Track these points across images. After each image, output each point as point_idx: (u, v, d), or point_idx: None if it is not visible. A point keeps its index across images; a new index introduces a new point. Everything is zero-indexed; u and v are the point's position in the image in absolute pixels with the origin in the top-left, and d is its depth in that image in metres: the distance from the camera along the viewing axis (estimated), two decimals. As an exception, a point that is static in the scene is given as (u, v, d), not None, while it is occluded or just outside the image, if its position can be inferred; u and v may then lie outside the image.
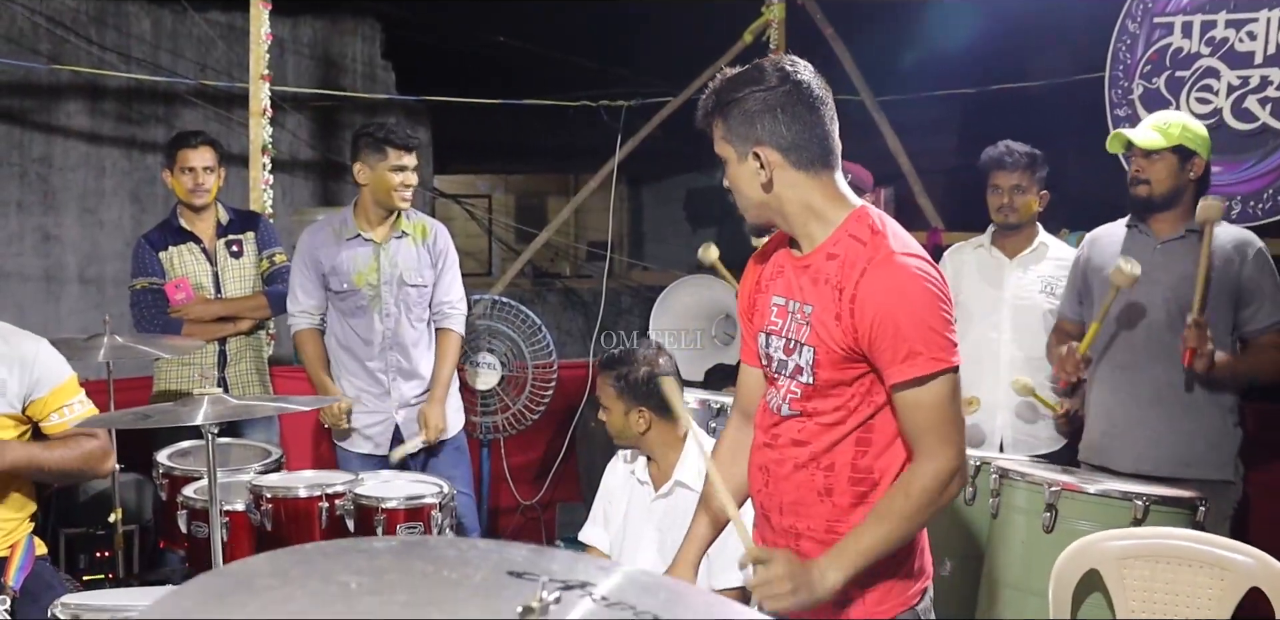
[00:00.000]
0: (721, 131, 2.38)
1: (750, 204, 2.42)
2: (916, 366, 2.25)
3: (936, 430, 2.28)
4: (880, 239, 2.31)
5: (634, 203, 11.61)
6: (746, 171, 2.37)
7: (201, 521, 3.84)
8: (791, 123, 2.32)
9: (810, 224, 2.38)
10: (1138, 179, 3.84)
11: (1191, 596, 2.94)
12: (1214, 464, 3.77)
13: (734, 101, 2.34)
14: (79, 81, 7.45)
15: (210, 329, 4.80)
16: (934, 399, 2.27)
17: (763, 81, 2.33)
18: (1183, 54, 4.85)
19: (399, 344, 4.58)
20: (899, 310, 2.24)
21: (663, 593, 1.18)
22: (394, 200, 4.50)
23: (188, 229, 4.87)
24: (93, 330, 4.34)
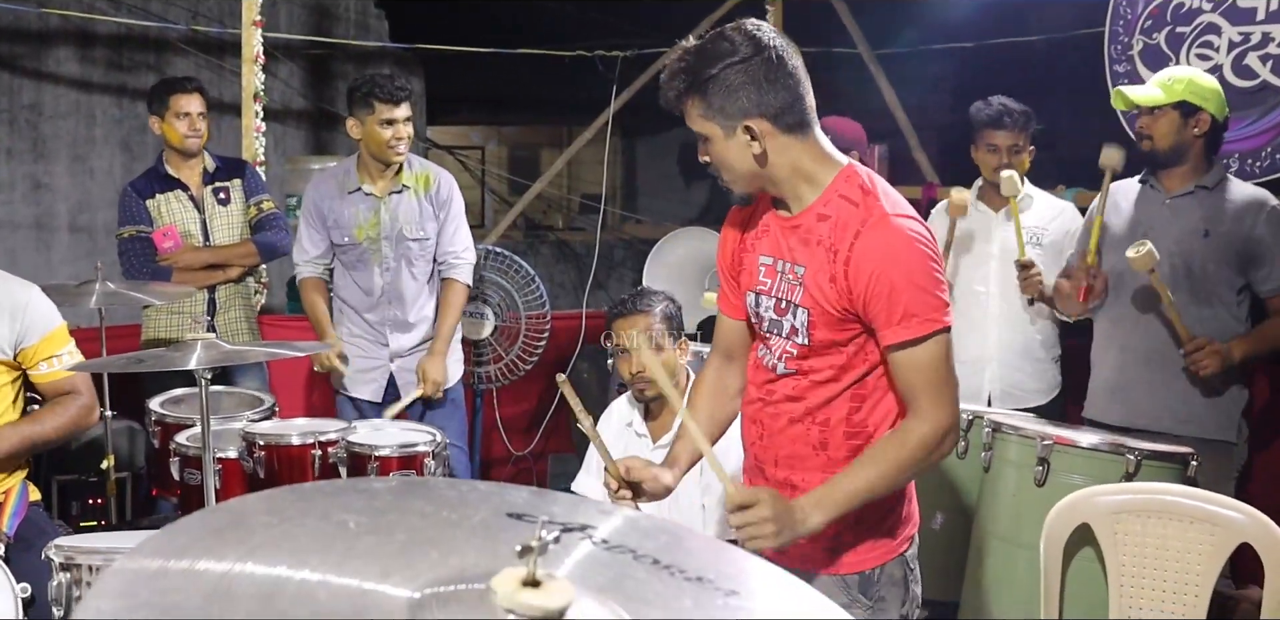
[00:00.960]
0: (700, 110, 2.33)
1: (741, 176, 2.40)
2: (911, 328, 2.27)
3: (931, 390, 2.31)
4: (872, 200, 2.31)
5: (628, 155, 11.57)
6: (736, 146, 2.34)
7: (194, 469, 3.85)
8: (777, 90, 2.28)
9: (800, 186, 2.38)
10: (1141, 134, 3.84)
11: (1182, 551, 2.95)
12: (1214, 423, 3.77)
13: (711, 78, 2.29)
14: (69, 27, 7.37)
15: (199, 276, 4.78)
16: (929, 359, 2.30)
17: (736, 52, 2.28)
18: (1184, 9, 4.81)
19: (398, 297, 4.57)
20: (894, 273, 2.25)
21: (663, 536, 1.18)
22: (388, 154, 4.46)
23: (174, 176, 4.84)
24: (84, 278, 4.32)
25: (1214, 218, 3.75)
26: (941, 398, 2.31)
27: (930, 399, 2.31)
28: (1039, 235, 4.39)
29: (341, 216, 4.53)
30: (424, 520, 1.11)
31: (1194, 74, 3.85)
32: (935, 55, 7.19)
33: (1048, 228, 4.41)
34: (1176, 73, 3.85)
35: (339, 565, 1.00)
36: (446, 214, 4.63)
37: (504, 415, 6.03)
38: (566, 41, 7.59)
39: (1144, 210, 3.86)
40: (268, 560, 1.00)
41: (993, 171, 4.41)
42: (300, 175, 7.03)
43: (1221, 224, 3.73)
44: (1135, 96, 3.80)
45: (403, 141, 4.48)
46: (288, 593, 0.95)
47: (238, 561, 0.99)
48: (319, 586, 0.97)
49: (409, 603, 0.96)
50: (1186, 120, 3.76)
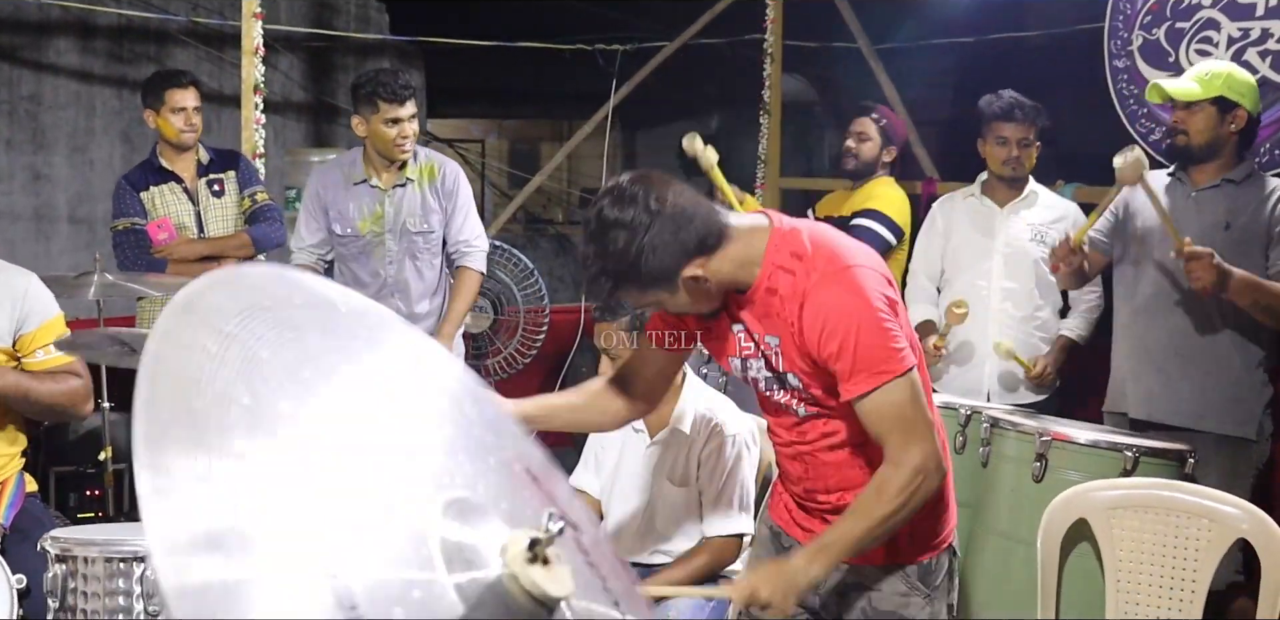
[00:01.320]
0: (638, 292, 2.32)
1: (700, 308, 2.40)
2: (861, 383, 2.27)
3: (897, 434, 2.29)
4: (807, 265, 2.30)
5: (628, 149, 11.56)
6: (686, 295, 2.32)
7: (192, 461, 3.84)
8: (687, 230, 2.24)
9: (745, 276, 2.35)
10: (1176, 129, 3.80)
11: (1179, 547, 2.96)
12: (1233, 419, 3.73)
13: (630, 266, 2.23)
14: (69, 18, 7.36)
15: (194, 268, 4.78)
16: (887, 405, 2.28)
17: (637, 223, 2.22)
18: (1183, 5, 4.80)
19: (402, 290, 4.58)
20: (836, 337, 2.25)
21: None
22: (394, 152, 4.48)
23: (169, 169, 4.84)
24: (83, 269, 4.32)
25: (1237, 210, 3.74)
26: (909, 440, 2.29)
27: (898, 443, 2.29)
28: (1043, 233, 4.39)
29: (345, 208, 4.53)
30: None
31: (1232, 69, 3.82)
32: (935, 50, 7.18)
33: (1053, 225, 4.40)
34: (1214, 67, 3.82)
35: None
36: (454, 204, 4.61)
37: (502, 408, 6.03)
38: (567, 35, 7.59)
39: (1169, 204, 3.84)
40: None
41: (1001, 164, 4.41)
42: (300, 167, 7.04)
43: (1243, 216, 3.71)
44: (1173, 91, 3.75)
45: (409, 139, 4.48)
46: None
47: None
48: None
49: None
50: (1223, 116, 3.73)
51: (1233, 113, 3.74)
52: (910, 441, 2.28)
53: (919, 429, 2.30)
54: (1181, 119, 3.78)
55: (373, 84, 4.45)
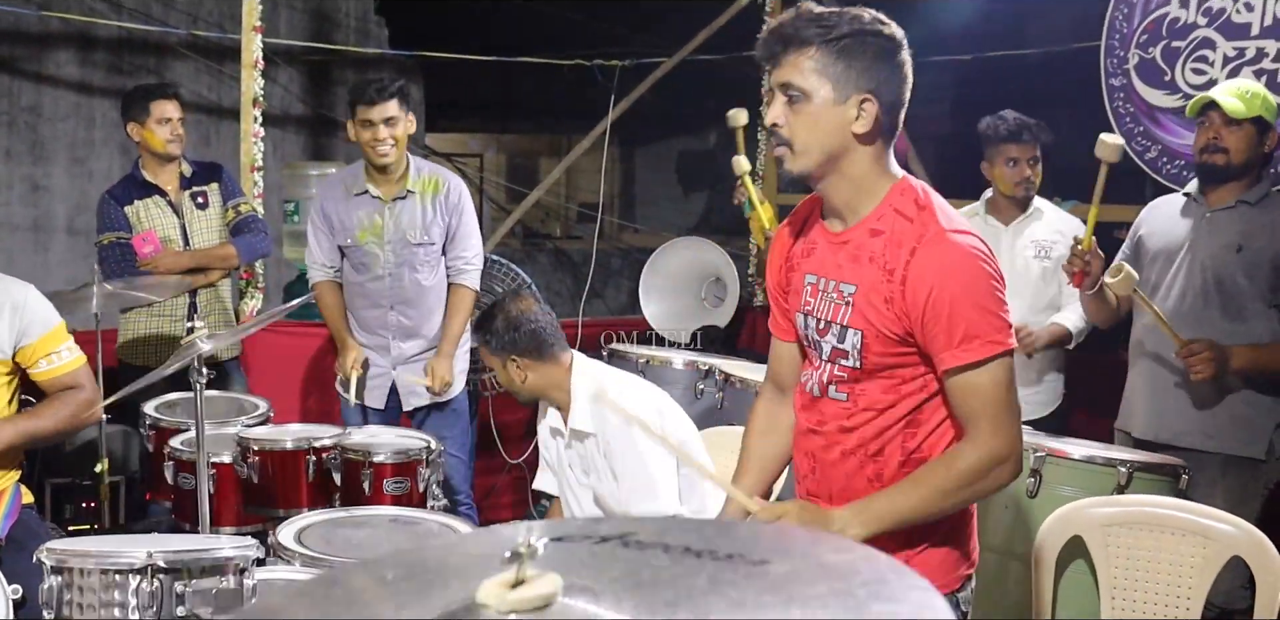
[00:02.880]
0: (819, 64, 2.14)
1: (819, 150, 2.20)
2: (972, 351, 2.14)
3: (990, 416, 2.17)
4: (928, 215, 2.18)
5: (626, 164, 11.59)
6: (838, 115, 2.16)
7: (188, 473, 3.85)
8: (898, 82, 2.19)
9: (859, 194, 2.23)
10: (1215, 146, 3.71)
11: (1174, 564, 2.96)
12: (1241, 439, 3.71)
13: (846, 36, 2.14)
14: (69, 30, 7.39)
15: (181, 280, 4.79)
16: (990, 383, 2.16)
17: (873, 26, 2.16)
18: (1179, 24, 4.82)
19: (401, 302, 4.57)
20: (953, 292, 2.12)
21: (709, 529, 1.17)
22: (371, 157, 4.45)
23: (152, 182, 4.84)
24: (80, 280, 4.33)
25: (1250, 232, 3.70)
26: (1001, 425, 2.17)
27: (990, 425, 2.17)
28: (1047, 248, 4.39)
29: (346, 218, 4.54)
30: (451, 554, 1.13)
31: (1263, 89, 3.79)
32: (933, 67, 7.19)
33: (1056, 242, 4.40)
34: (1250, 86, 3.78)
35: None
36: (459, 220, 4.61)
37: (499, 423, 6.03)
38: (566, 50, 7.61)
39: (1184, 224, 3.82)
40: None
41: (1014, 185, 4.39)
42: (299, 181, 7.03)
43: (1257, 239, 3.68)
44: (1227, 106, 3.66)
45: (383, 143, 4.41)
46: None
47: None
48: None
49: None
50: (1262, 136, 3.71)
51: (1269, 133, 3.72)
52: (1000, 427, 2.17)
53: (1011, 416, 2.19)
54: (1222, 135, 3.70)
55: (356, 89, 4.48)
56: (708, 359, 4.75)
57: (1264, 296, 3.67)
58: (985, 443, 2.17)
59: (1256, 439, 3.71)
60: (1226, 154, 3.70)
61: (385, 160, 4.45)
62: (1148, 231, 3.95)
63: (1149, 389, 3.87)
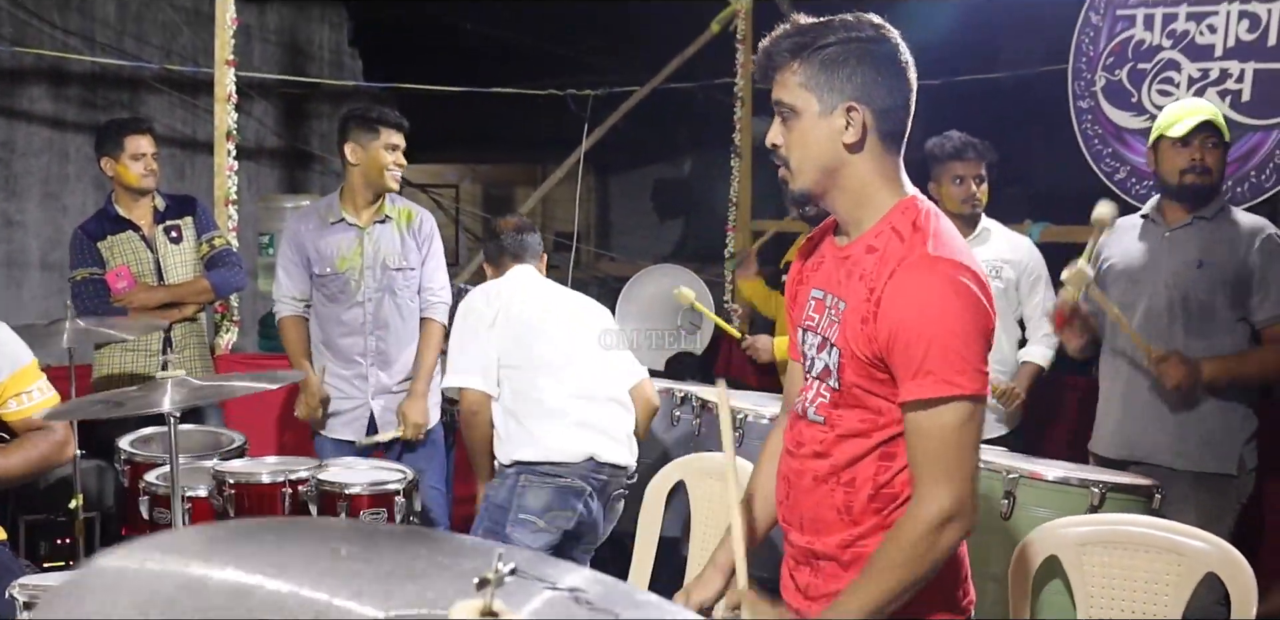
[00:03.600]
0: (804, 77, 2.08)
1: (813, 166, 2.13)
2: (924, 387, 2.00)
3: (937, 465, 2.02)
4: (919, 236, 2.06)
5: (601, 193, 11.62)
6: (826, 127, 2.09)
7: (164, 508, 3.83)
8: (890, 84, 2.09)
9: (861, 207, 2.14)
10: (1202, 167, 3.73)
11: (1149, 582, 2.97)
12: (1212, 457, 3.73)
13: (827, 46, 2.07)
14: (42, 65, 7.39)
15: (155, 315, 4.77)
16: (939, 428, 2.01)
17: (859, 31, 2.08)
18: (1144, 46, 4.88)
19: (380, 328, 4.57)
20: (919, 321, 2.00)
21: (652, 611, 1.18)
22: (385, 180, 4.50)
23: (125, 217, 4.83)
24: (54, 316, 4.31)
25: (1209, 248, 3.74)
26: (947, 478, 2.01)
27: (932, 478, 2.02)
28: (998, 268, 4.43)
29: (324, 246, 4.54)
30: (414, 560, 1.13)
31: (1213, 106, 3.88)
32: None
33: (1007, 261, 4.46)
34: (1206, 106, 3.84)
35: (316, 580, 1.03)
36: (429, 250, 4.65)
37: (477, 452, 6.00)
38: (539, 80, 7.65)
39: (1144, 244, 3.87)
40: (248, 567, 1.03)
41: (960, 202, 4.45)
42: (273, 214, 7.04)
43: (1217, 254, 3.72)
44: (1222, 126, 3.75)
45: (400, 169, 4.54)
46: (258, 597, 0.98)
47: (220, 565, 1.03)
48: (289, 597, 1.00)
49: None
50: (1224, 153, 3.80)
51: (1227, 149, 3.81)
52: (945, 479, 2.00)
53: (961, 468, 2.01)
54: (1205, 157, 3.74)
55: (374, 111, 4.55)
56: (684, 386, 4.75)
57: (1227, 311, 3.71)
58: (928, 500, 2.02)
59: (1227, 455, 3.74)
60: (1210, 174, 3.74)
61: (396, 186, 4.57)
62: (1109, 253, 4.00)
63: (1120, 409, 3.90)
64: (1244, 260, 3.69)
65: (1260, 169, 4.55)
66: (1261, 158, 4.55)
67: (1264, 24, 4.52)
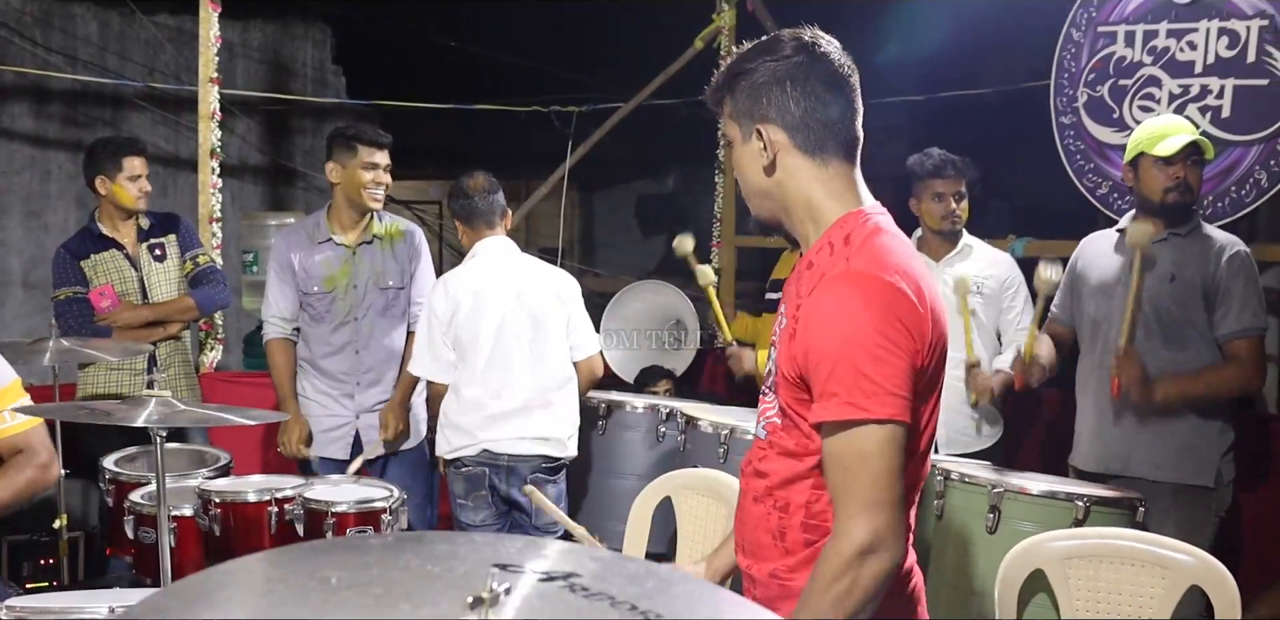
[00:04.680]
0: (730, 108, 2.09)
1: (752, 192, 2.12)
2: (830, 409, 1.89)
3: (851, 494, 1.89)
4: (849, 251, 1.97)
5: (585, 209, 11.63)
6: (749, 153, 2.07)
7: (149, 527, 3.81)
8: (801, 98, 2.01)
9: (806, 223, 2.07)
10: (1185, 185, 3.77)
11: (1134, 595, 2.98)
12: (1189, 469, 3.77)
13: (743, 73, 2.05)
14: (24, 83, 7.38)
15: (140, 334, 4.76)
16: (849, 453, 1.89)
17: (777, 51, 2.03)
18: (1125, 63, 4.91)
19: (366, 348, 4.57)
20: (827, 338, 1.90)
21: (650, 581, 1.18)
22: (365, 199, 4.49)
23: (109, 236, 4.82)
24: (37, 335, 4.30)
25: (1182, 262, 3.79)
26: (861, 507, 1.88)
27: (847, 506, 1.89)
28: (980, 284, 4.46)
29: (311, 265, 4.54)
30: (405, 574, 1.13)
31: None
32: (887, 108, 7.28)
33: (988, 277, 4.48)
34: (1186, 124, 3.89)
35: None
36: (417, 267, 4.65)
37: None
38: (523, 96, 7.66)
39: (1119, 259, 3.91)
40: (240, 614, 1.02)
41: (940, 219, 4.47)
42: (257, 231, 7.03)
43: (1188, 269, 3.76)
44: (1206, 148, 3.78)
45: (382, 187, 4.51)
46: None
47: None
48: None
49: None
50: (1203, 170, 3.83)
51: (1204, 166, 3.84)
52: (860, 510, 1.88)
53: (879, 496, 1.88)
54: (1185, 173, 3.77)
55: (353, 129, 4.54)
56: (669, 402, 4.76)
57: (1199, 325, 3.76)
58: (842, 533, 1.89)
59: (1205, 467, 3.78)
60: (1191, 192, 3.79)
61: (378, 205, 4.54)
62: (1084, 267, 4.04)
63: (1097, 423, 3.93)
64: (1213, 275, 3.74)
65: (1240, 184, 4.58)
66: (1241, 173, 4.58)
67: (1243, 41, 4.55)
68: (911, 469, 1.98)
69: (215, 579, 1.14)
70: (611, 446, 4.72)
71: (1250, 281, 3.75)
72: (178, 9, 7.65)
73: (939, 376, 2.02)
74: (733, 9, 6.79)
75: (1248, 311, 3.73)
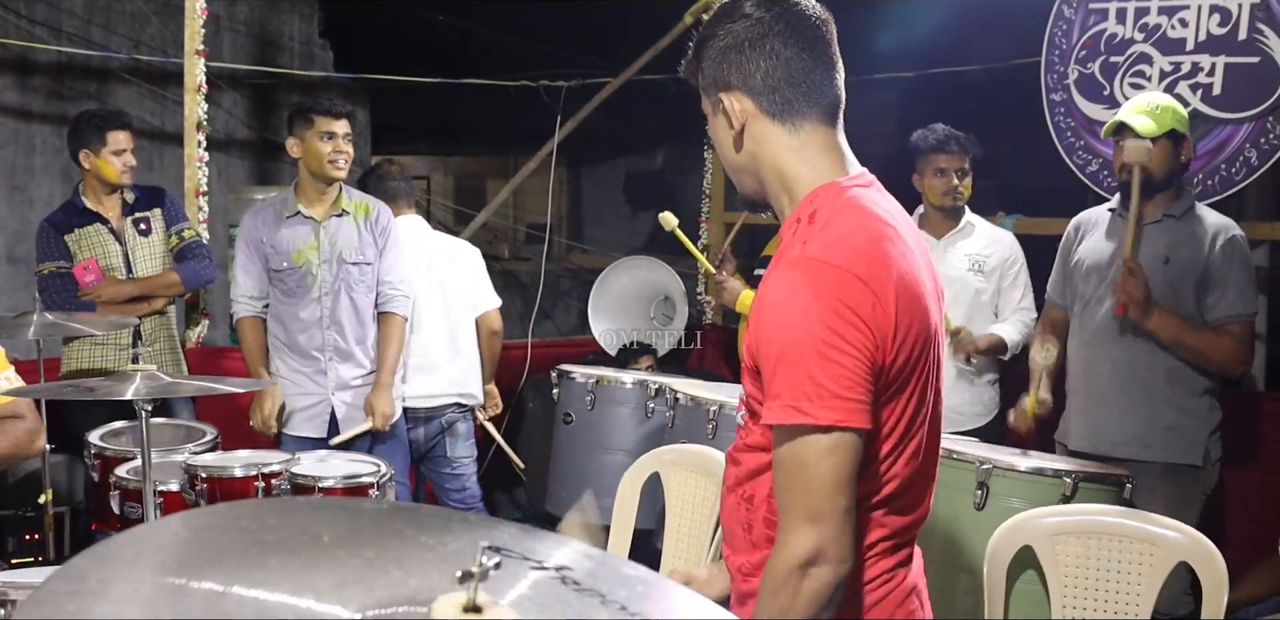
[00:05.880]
0: (701, 81, 1.95)
1: (730, 167, 1.98)
2: (774, 412, 1.75)
3: (794, 502, 1.76)
4: (809, 230, 1.80)
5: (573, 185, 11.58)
6: (721, 124, 1.93)
7: (135, 502, 3.80)
8: (762, 59, 1.85)
9: (781, 196, 1.91)
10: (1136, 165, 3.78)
11: (1123, 572, 2.99)
12: (1177, 447, 3.79)
13: (704, 41, 1.92)
14: (8, 56, 7.31)
15: (124, 309, 4.73)
16: (791, 461, 1.76)
17: (735, 13, 1.89)
18: (1117, 40, 4.90)
19: (337, 323, 4.54)
20: (773, 333, 1.75)
21: (639, 586, 1.17)
22: (326, 169, 4.45)
23: (93, 209, 4.79)
24: (21, 309, 4.27)
25: (1176, 244, 3.79)
26: (803, 516, 1.74)
27: (790, 515, 1.76)
28: (981, 262, 4.46)
29: (279, 241, 4.51)
30: (399, 541, 1.12)
31: (1171, 101, 3.88)
32: (875, 85, 7.26)
33: (989, 255, 4.48)
34: (1159, 100, 3.87)
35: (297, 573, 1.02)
36: (386, 242, 4.62)
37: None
38: (511, 72, 7.62)
39: (1113, 241, 3.91)
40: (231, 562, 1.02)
41: (941, 195, 4.47)
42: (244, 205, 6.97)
43: (1182, 251, 3.77)
44: (1138, 127, 3.74)
45: (343, 156, 4.47)
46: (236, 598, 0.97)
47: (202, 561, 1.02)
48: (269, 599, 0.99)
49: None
50: (1177, 148, 3.80)
51: (1183, 144, 3.82)
52: (803, 520, 1.74)
53: (820, 506, 1.74)
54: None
55: (309, 102, 4.53)
56: (658, 378, 4.75)
57: (1192, 307, 3.76)
58: (783, 543, 1.77)
59: (1192, 447, 3.80)
60: (1147, 171, 3.77)
61: (341, 174, 4.50)
62: (1079, 251, 4.03)
63: (1086, 401, 3.93)
64: (1206, 258, 3.74)
65: (1230, 162, 4.58)
66: (1231, 151, 4.57)
67: (1234, 18, 4.54)
68: (893, 472, 1.87)
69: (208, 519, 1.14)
70: (600, 422, 4.72)
71: (1244, 267, 3.77)
72: (163, -19, 7.58)
73: (920, 370, 1.85)
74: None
75: (1240, 297, 3.74)
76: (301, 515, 1.17)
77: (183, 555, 1.03)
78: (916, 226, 4.52)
